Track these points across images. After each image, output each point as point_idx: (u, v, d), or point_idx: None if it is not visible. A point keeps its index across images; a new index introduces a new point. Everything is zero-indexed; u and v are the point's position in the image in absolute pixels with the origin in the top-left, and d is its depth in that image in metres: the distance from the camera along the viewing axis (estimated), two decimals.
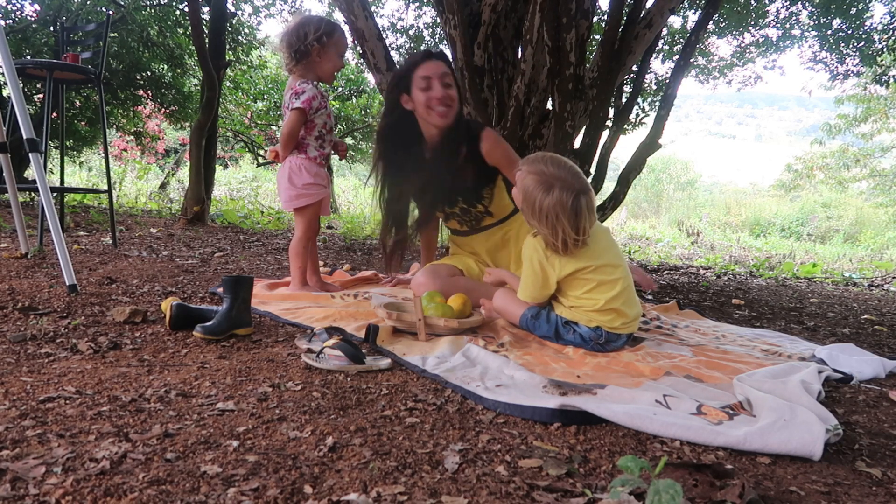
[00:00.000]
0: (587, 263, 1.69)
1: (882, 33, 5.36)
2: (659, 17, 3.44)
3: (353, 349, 1.44)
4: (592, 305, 1.71)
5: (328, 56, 2.22)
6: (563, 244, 1.65)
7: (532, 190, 1.68)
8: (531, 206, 1.68)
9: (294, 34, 2.18)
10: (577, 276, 1.71)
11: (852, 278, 5.14)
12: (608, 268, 1.71)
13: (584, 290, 1.72)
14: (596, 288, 1.71)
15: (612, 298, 1.69)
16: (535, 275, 1.75)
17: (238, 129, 10.09)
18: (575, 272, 1.70)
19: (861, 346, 2.05)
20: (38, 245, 2.92)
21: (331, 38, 2.20)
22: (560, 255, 1.69)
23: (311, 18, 2.22)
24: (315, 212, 2.33)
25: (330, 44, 2.20)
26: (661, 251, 7.58)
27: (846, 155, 13.18)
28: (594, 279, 1.70)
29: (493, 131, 2.20)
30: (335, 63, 2.25)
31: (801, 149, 15.05)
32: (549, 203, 1.64)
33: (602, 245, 1.74)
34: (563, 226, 1.63)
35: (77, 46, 3.68)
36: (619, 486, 0.84)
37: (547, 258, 1.72)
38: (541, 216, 1.66)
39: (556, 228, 1.64)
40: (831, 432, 1.11)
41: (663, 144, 3.81)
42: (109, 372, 1.30)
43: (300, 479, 0.86)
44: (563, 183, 1.65)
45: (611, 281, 1.70)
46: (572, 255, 1.69)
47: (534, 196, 1.67)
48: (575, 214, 1.63)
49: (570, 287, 1.75)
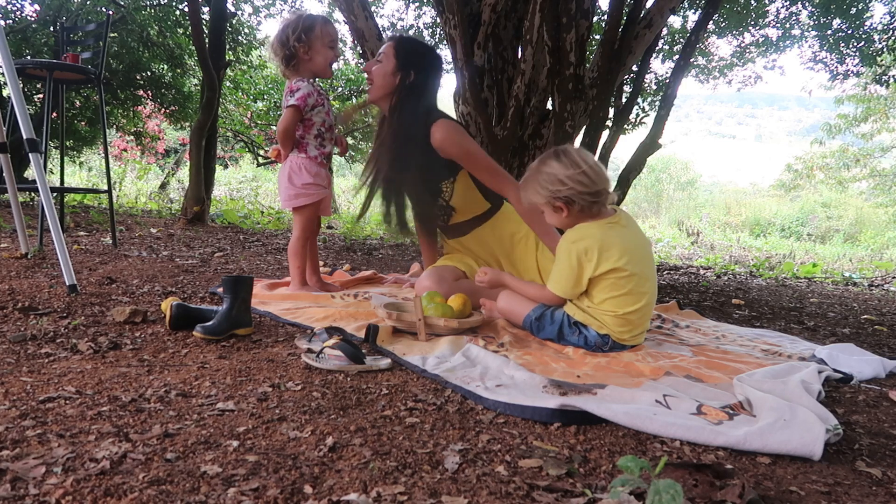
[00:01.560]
0: (625, 266, 1.65)
1: (882, 33, 5.36)
2: (659, 17, 3.45)
3: (353, 349, 1.44)
4: (612, 313, 1.69)
5: (316, 50, 2.20)
6: (595, 196, 1.67)
7: (545, 173, 1.70)
8: (554, 183, 1.68)
9: (277, 41, 2.20)
10: (610, 278, 1.67)
11: (852, 278, 5.14)
12: (640, 279, 1.68)
13: (611, 295, 1.68)
14: (623, 297, 1.67)
15: (633, 311, 1.68)
16: (571, 269, 1.70)
17: (238, 129, 10.09)
18: (610, 271, 1.66)
19: (861, 346, 2.05)
20: (38, 245, 2.92)
21: (311, 32, 2.19)
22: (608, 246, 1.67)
23: (289, 21, 2.22)
24: (314, 212, 2.33)
25: (313, 38, 2.19)
26: (661, 251, 7.58)
27: (846, 155, 13.18)
28: (625, 287, 1.67)
29: (449, 124, 2.10)
30: (326, 55, 2.23)
31: (801, 149, 15.05)
32: (561, 168, 1.67)
33: (642, 253, 1.72)
34: (584, 177, 1.65)
35: (77, 46, 3.68)
36: (619, 486, 0.84)
37: (586, 252, 1.68)
38: (567, 180, 1.66)
39: (580, 182, 1.65)
40: (831, 432, 1.11)
41: (663, 144, 3.81)
42: (109, 372, 1.30)
43: (300, 479, 0.86)
44: (556, 152, 1.71)
45: (639, 293, 1.68)
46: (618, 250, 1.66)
47: (550, 174, 1.68)
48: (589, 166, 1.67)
49: (598, 288, 1.71)
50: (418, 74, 2.12)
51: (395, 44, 2.14)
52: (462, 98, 3.36)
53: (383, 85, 2.13)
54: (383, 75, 2.12)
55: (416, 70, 2.12)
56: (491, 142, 3.21)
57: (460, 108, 3.42)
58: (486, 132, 3.21)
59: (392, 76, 2.11)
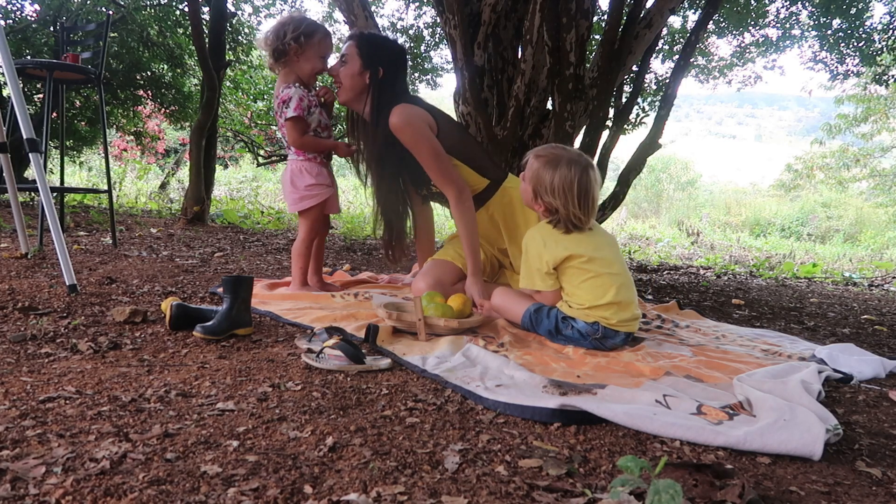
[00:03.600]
0: (582, 252, 1.74)
1: (882, 33, 5.36)
2: (659, 17, 3.44)
3: (353, 349, 1.44)
4: (591, 301, 1.73)
5: (306, 57, 2.19)
6: (575, 218, 1.74)
7: (541, 171, 1.77)
8: (543, 185, 1.76)
9: (273, 33, 2.18)
10: (572, 265, 1.75)
11: (852, 278, 5.14)
12: (603, 262, 1.75)
13: (580, 281, 1.75)
14: (591, 280, 1.74)
15: (607, 294, 1.72)
16: (535, 258, 1.81)
17: (238, 129, 10.08)
18: (569, 258, 1.75)
19: (861, 346, 2.05)
20: (38, 245, 2.92)
21: (310, 39, 2.18)
22: (569, 234, 1.76)
23: (294, 18, 2.21)
24: (319, 213, 2.32)
25: (309, 45, 2.18)
26: (661, 251, 7.58)
27: (846, 155, 13.17)
28: (590, 270, 1.74)
29: (407, 109, 2.08)
30: (314, 65, 2.21)
31: (801, 149, 15.03)
32: (559, 177, 1.73)
33: (600, 241, 1.80)
34: (572, 197, 1.72)
35: (77, 46, 3.68)
36: (619, 486, 0.84)
37: (545, 244, 1.77)
38: (553, 191, 1.74)
39: (567, 200, 1.72)
40: (831, 432, 1.11)
41: (663, 144, 3.81)
42: (109, 372, 1.30)
43: (300, 479, 0.86)
44: (569, 159, 1.75)
45: (607, 275, 1.74)
46: (570, 241, 1.75)
47: (543, 175, 1.76)
48: (582, 187, 1.72)
49: (566, 276, 1.79)
50: (386, 69, 2.14)
51: (356, 42, 2.15)
52: (462, 98, 3.36)
53: (352, 86, 2.15)
54: (351, 76, 2.14)
55: (382, 65, 2.13)
56: (491, 142, 3.21)
57: (460, 108, 3.42)
58: (486, 132, 3.21)
59: (360, 76, 2.13)
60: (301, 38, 2.16)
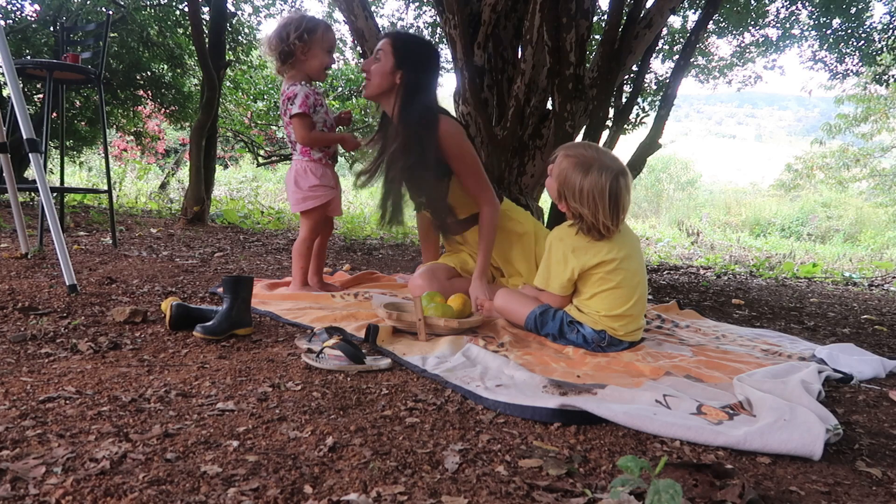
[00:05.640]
0: (609, 261, 1.68)
1: (882, 33, 5.36)
2: (659, 17, 3.44)
3: (353, 349, 1.44)
4: (605, 310, 1.70)
5: (313, 53, 2.20)
6: (603, 227, 1.66)
7: (570, 173, 1.69)
8: (571, 189, 1.68)
9: (276, 36, 2.19)
10: (598, 272, 1.69)
11: (852, 278, 5.14)
12: (628, 273, 1.69)
13: (599, 290, 1.70)
14: (611, 291, 1.69)
15: (624, 306, 1.69)
16: (558, 262, 1.74)
17: (238, 129, 10.08)
18: (598, 265, 1.69)
19: (861, 345, 2.05)
20: (38, 245, 2.92)
21: (313, 34, 2.18)
22: (596, 241, 1.69)
23: (293, 18, 2.21)
24: (321, 214, 2.32)
25: (313, 41, 2.18)
26: (661, 251, 7.58)
27: (846, 155, 13.17)
28: (611, 280, 1.69)
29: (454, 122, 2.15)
30: (322, 60, 2.22)
31: (801, 149, 15.03)
32: (588, 184, 1.65)
33: (627, 247, 1.73)
34: (603, 206, 1.64)
35: (77, 46, 3.68)
36: (619, 486, 0.84)
37: (573, 251, 1.70)
38: (581, 198, 1.66)
39: (597, 208, 1.65)
40: (831, 432, 1.11)
41: (663, 144, 3.81)
42: (109, 372, 1.30)
43: (300, 479, 0.86)
44: (600, 164, 1.67)
45: (628, 287, 1.69)
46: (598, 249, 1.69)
47: (572, 179, 1.68)
48: (613, 196, 1.64)
49: (586, 283, 1.73)
50: (419, 71, 2.12)
51: (392, 41, 2.13)
52: (462, 98, 3.36)
53: (381, 83, 2.13)
54: (382, 73, 2.11)
55: (415, 67, 2.12)
56: (491, 142, 3.21)
57: (460, 108, 3.42)
58: (486, 132, 3.21)
59: (391, 74, 2.11)
60: (305, 36, 2.17)
